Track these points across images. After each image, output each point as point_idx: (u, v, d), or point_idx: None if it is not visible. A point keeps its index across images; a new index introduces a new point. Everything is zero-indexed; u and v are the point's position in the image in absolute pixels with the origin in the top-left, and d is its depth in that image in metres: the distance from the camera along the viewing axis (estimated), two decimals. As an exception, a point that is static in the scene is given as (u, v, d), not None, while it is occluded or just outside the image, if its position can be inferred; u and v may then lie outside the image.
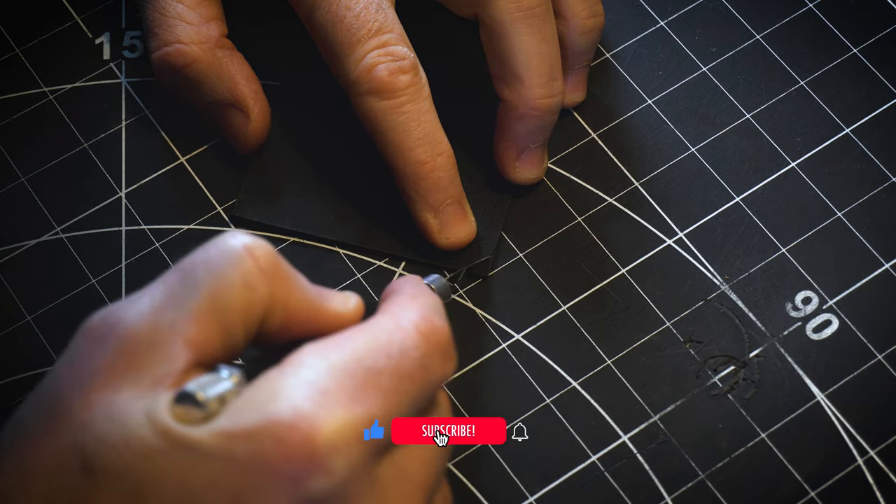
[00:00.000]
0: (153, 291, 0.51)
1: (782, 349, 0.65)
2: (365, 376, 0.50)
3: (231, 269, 0.51)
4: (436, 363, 0.52)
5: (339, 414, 0.48)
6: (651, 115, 0.71)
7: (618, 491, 0.63)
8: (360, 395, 0.49)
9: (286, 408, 0.48)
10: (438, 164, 0.65)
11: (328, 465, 0.48)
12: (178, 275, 0.51)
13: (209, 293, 0.51)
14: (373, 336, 0.52)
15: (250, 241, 0.52)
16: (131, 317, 0.50)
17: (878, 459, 0.63)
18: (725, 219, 0.68)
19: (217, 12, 0.69)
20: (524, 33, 0.65)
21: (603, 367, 0.65)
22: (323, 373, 0.50)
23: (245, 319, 0.51)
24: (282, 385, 0.49)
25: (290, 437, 0.47)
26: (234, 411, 0.48)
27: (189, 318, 0.50)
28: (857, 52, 0.72)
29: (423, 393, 0.52)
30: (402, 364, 0.51)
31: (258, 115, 0.69)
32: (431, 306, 0.54)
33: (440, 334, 0.53)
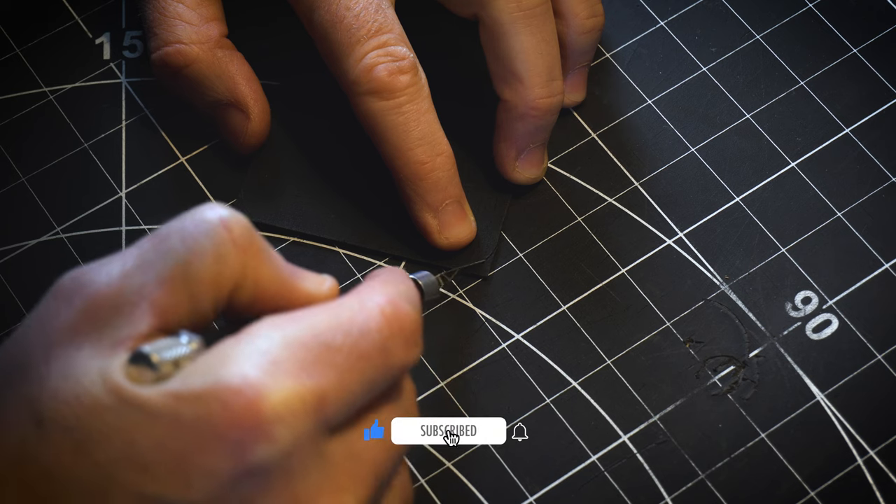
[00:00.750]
0: (126, 255, 0.51)
1: (782, 349, 0.65)
2: (319, 351, 0.50)
3: (205, 240, 0.51)
4: (398, 347, 0.52)
5: (288, 384, 0.49)
6: (651, 115, 0.71)
7: (618, 491, 0.63)
8: (313, 368, 0.50)
9: (235, 374, 0.48)
10: (438, 164, 0.65)
11: (272, 434, 0.48)
12: (153, 241, 0.52)
13: (180, 262, 0.51)
14: (334, 314, 0.52)
15: (227, 214, 0.52)
16: (100, 278, 0.51)
17: (878, 459, 0.63)
18: (725, 219, 0.68)
19: (217, 12, 0.69)
20: (524, 33, 0.65)
21: (603, 367, 0.65)
22: (277, 343, 0.50)
23: (214, 291, 0.52)
24: (234, 352, 0.49)
25: (235, 402, 0.48)
26: (186, 375, 0.49)
27: (157, 285, 0.51)
28: (857, 52, 0.72)
29: (381, 375, 0.52)
30: (360, 343, 0.51)
31: (258, 116, 0.69)
32: (401, 292, 0.54)
33: (405, 319, 0.53)
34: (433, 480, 0.63)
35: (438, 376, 0.65)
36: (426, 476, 0.63)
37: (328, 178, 0.69)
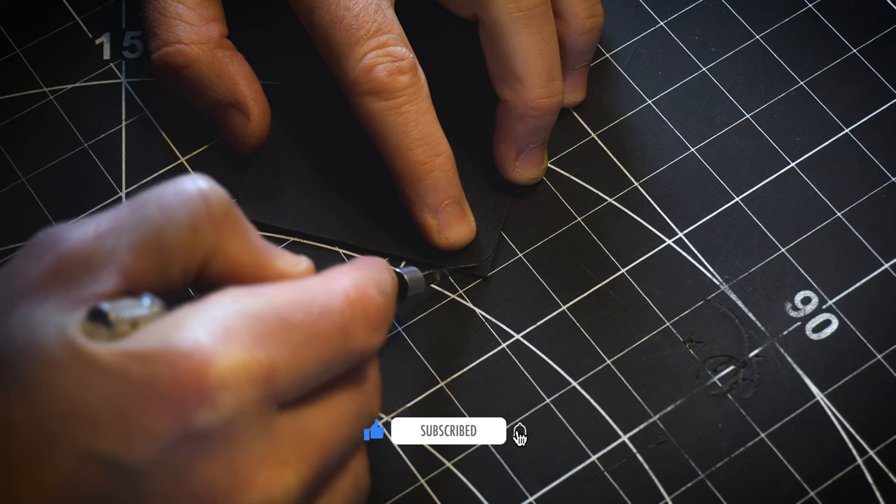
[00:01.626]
0: (103, 217, 0.52)
1: (782, 349, 0.65)
2: (275, 325, 0.50)
3: (181, 210, 0.52)
4: (359, 331, 0.52)
5: (237, 353, 0.49)
6: (651, 115, 0.71)
7: (618, 491, 0.63)
8: (266, 341, 0.50)
9: (186, 338, 0.49)
10: (437, 164, 0.65)
11: (215, 400, 0.48)
12: (131, 206, 0.52)
13: (154, 228, 0.51)
14: (297, 291, 0.52)
15: (206, 187, 0.53)
16: (74, 237, 0.51)
17: (878, 459, 0.63)
18: (725, 219, 0.68)
19: (217, 13, 0.69)
20: (524, 33, 0.65)
21: (603, 366, 0.65)
22: (233, 313, 0.50)
23: (185, 261, 0.52)
24: (189, 318, 0.50)
25: (182, 365, 0.48)
26: (140, 335, 0.49)
27: (129, 249, 0.51)
28: (857, 52, 0.72)
29: (338, 356, 0.52)
30: (319, 323, 0.51)
31: (258, 116, 0.69)
32: (372, 279, 0.54)
33: (370, 304, 0.53)
34: (433, 480, 0.63)
35: (438, 376, 0.65)
36: (426, 476, 0.63)
37: (328, 178, 0.69)
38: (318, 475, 0.52)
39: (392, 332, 0.66)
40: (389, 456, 0.63)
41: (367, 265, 0.56)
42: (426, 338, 0.66)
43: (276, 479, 0.50)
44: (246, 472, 0.49)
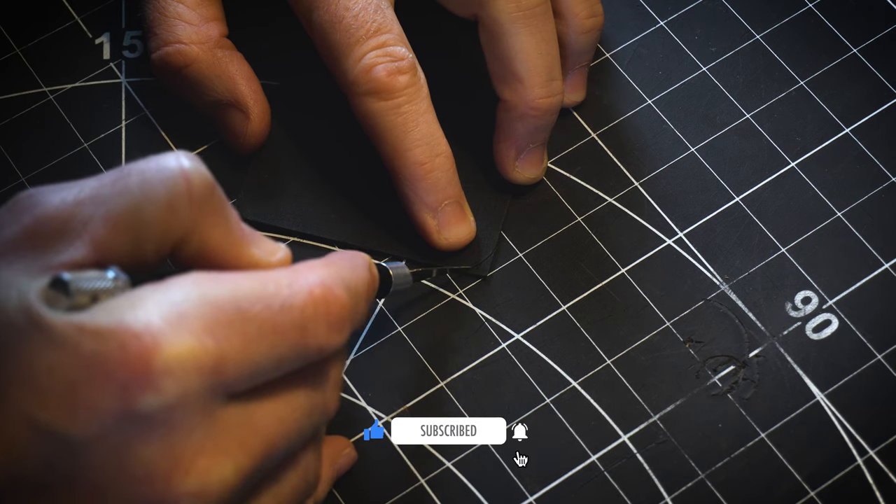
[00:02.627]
0: (84, 185, 0.52)
1: (782, 349, 0.65)
2: (232, 315, 0.50)
3: (160, 187, 0.52)
4: (318, 329, 0.52)
5: (187, 340, 0.49)
6: (651, 115, 0.71)
7: (618, 491, 0.63)
8: (219, 330, 0.50)
9: (140, 318, 0.49)
10: (437, 164, 0.65)
11: (158, 384, 0.48)
12: (113, 177, 0.52)
13: (132, 203, 0.51)
14: (261, 282, 0.52)
15: (189, 166, 0.53)
16: (52, 202, 0.51)
17: (878, 459, 0.63)
18: (725, 219, 0.68)
19: (217, 12, 0.69)
20: (523, 33, 0.65)
21: (603, 366, 0.65)
22: (192, 298, 0.50)
23: (159, 238, 0.52)
24: (147, 298, 0.50)
25: (131, 345, 0.48)
26: (97, 309, 0.49)
27: (104, 220, 0.51)
28: (857, 52, 0.72)
29: (294, 353, 0.52)
30: (277, 317, 0.51)
31: (258, 116, 0.69)
32: (341, 276, 0.54)
33: (333, 303, 0.53)
34: (433, 480, 0.63)
35: (438, 376, 0.65)
36: (426, 476, 0.63)
37: (328, 178, 0.69)
38: (260, 467, 0.52)
39: (392, 332, 0.66)
40: (389, 456, 0.64)
41: (341, 261, 0.55)
42: (426, 338, 0.66)
43: (213, 467, 0.50)
44: (184, 459, 0.49)
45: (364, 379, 0.65)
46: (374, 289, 0.58)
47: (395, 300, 0.67)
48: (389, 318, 0.66)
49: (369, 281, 0.57)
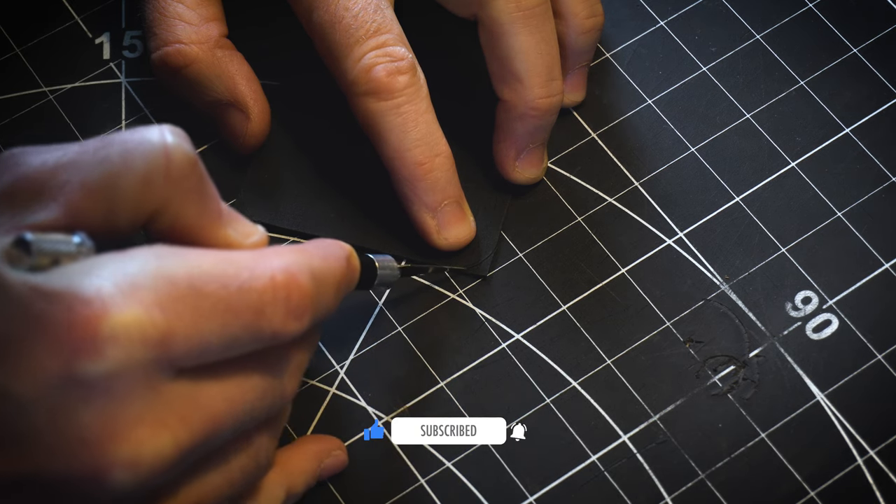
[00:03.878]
0: (69, 149, 0.53)
1: (782, 349, 0.65)
2: (185, 291, 0.51)
3: (139, 160, 0.52)
4: (276, 314, 0.52)
5: (135, 310, 0.49)
6: (651, 115, 0.71)
7: (618, 491, 0.63)
8: (170, 305, 0.50)
9: (92, 284, 0.49)
10: (436, 164, 0.65)
11: (101, 351, 0.48)
12: (97, 144, 0.53)
13: (109, 172, 0.52)
14: (222, 262, 0.52)
15: (172, 142, 0.53)
16: (34, 163, 0.52)
17: (878, 459, 0.63)
18: (725, 219, 0.68)
19: (217, 12, 0.69)
20: (523, 33, 0.65)
21: (603, 366, 0.65)
22: (148, 270, 0.50)
23: (133, 210, 0.53)
24: (104, 266, 0.50)
25: (79, 311, 0.48)
26: (55, 273, 0.49)
27: (80, 186, 0.52)
28: (857, 52, 0.72)
29: (247, 335, 0.52)
30: (233, 298, 0.51)
31: (258, 116, 0.69)
32: (309, 265, 0.54)
33: (294, 290, 0.53)
34: (433, 480, 0.63)
35: (438, 376, 0.65)
36: (426, 476, 0.63)
37: (328, 178, 0.69)
38: (202, 444, 0.52)
39: (392, 332, 0.66)
40: (389, 456, 0.64)
41: (314, 249, 0.56)
42: (426, 338, 0.66)
43: (150, 439, 0.50)
44: (120, 427, 0.49)
45: (364, 379, 0.65)
46: (350, 279, 0.58)
47: (396, 300, 0.67)
48: (389, 318, 0.66)
49: (342, 271, 0.57)
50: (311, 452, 0.61)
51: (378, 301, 0.67)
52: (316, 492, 0.63)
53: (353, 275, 0.58)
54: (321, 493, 0.63)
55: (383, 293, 0.67)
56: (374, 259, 0.62)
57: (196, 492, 0.54)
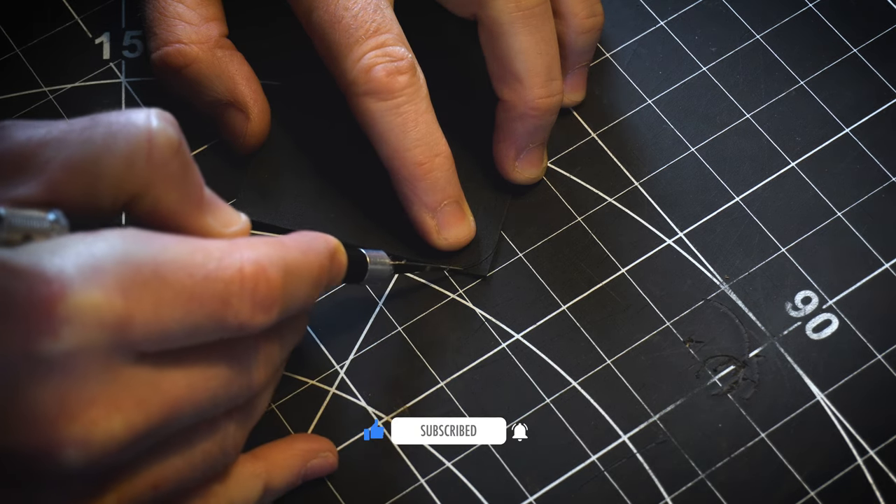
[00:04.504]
0: (56, 126, 0.53)
1: (782, 349, 0.65)
2: (149, 277, 0.51)
3: (122, 142, 0.53)
4: (242, 306, 0.52)
5: (95, 294, 0.49)
6: (651, 115, 0.71)
7: (618, 491, 0.63)
8: (133, 290, 0.50)
9: (55, 264, 0.49)
10: (436, 164, 0.65)
11: (58, 331, 0.49)
12: (84, 123, 0.53)
13: (92, 152, 0.52)
14: (191, 250, 0.52)
15: (157, 126, 0.53)
16: (20, 137, 0.53)
17: (878, 459, 0.63)
18: (725, 219, 0.68)
19: (217, 12, 0.69)
20: (523, 33, 0.65)
21: (603, 366, 0.65)
22: (113, 254, 0.51)
23: (113, 192, 0.53)
24: (71, 246, 0.50)
25: (40, 290, 0.49)
26: (24, 249, 0.50)
27: (62, 164, 0.52)
28: (857, 52, 0.72)
29: (212, 325, 0.52)
30: (199, 287, 0.52)
31: (258, 116, 0.69)
32: (282, 258, 0.54)
33: (263, 283, 0.53)
34: (433, 480, 0.63)
35: (438, 376, 0.65)
36: (426, 476, 0.63)
37: (328, 178, 0.69)
38: (159, 428, 0.52)
39: (392, 332, 0.66)
40: (389, 456, 0.64)
41: (292, 242, 0.56)
42: (426, 338, 0.66)
43: (102, 420, 0.50)
44: (73, 407, 0.50)
45: (364, 379, 0.65)
46: (333, 274, 0.58)
47: (396, 300, 0.67)
48: (389, 318, 0.66)
49: (321, 265, 0.57)
50: (297, 450, 0.61)
51: (378, 301, 0.67)
52: (316, 492, 0.63)
53: (337, 269, 0.58)
54: (321, 493, 0.63)
55: (383, 293, 0.67)
56: (365, 254, 0.62)
57: (156, 474, 0.54)
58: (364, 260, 0.62)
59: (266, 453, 0.60)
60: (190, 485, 0.56)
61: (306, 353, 0.66)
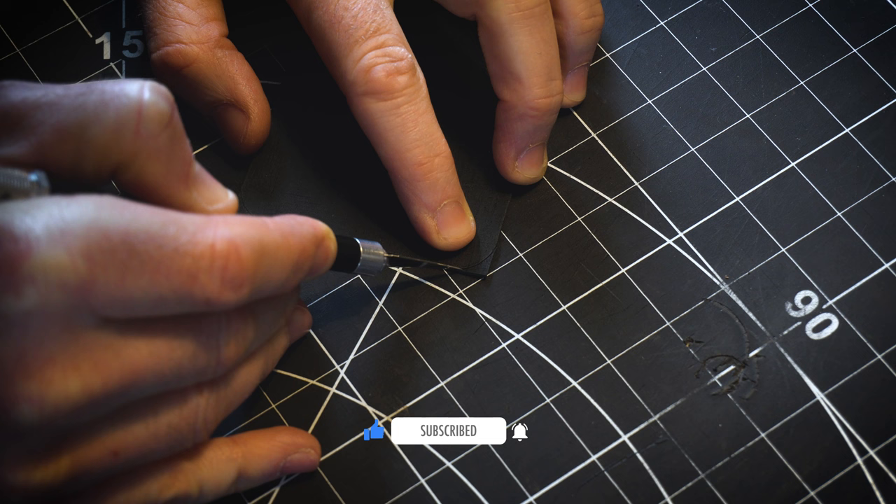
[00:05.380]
0: (53, 90, 0.54)
1: (782, 349, 0.65)
2: (117, 245, 0.51)
3: (112, 111, 0.54)
4: (210, 282, 0.53)
5: (59, 255, 0.50)
6: (651, 115, 0.71)
7: (618, 491, 0.63)
8: (98, 256, 0.51)
9: (25, 224, 0.50)
10: (436, 164, 0.65)
11: (19, 289, 0.50)
12: (80, 89, 0.54)
13: (82, 118, 0.53)
14: (163, 222, 0.53)
15: (148, 99, 0.54)
16: (16, 98, 0.54)
17: (878, 459, 0.63)
18: (725, 219, 0.68)
19: (217, 12, 0.69)
20: (523, 33, 0.65)
21: (603, 366, 0.65)
22: (84, 219, 0.51)
23: (99, 158, 0.54)
24: (44, 208, 0.51)
25: (6, 247, 0.50)
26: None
27: (53, 127, 0.53)
28: (857, 52, 0.72)
29: (176, 297, 0.52)
30: (166, 260, 0.52)
31: (258, 116, 0.69)
32: (258, 239, 0.54)
33: (233, 261, 0.53)
34: (433, 480, 0.63)
35: (438, 376, 0.65)
36: (426, 476, 0.63)
37: (328, 178, 0.69)
38: (117, 393, 0.53)
39: (392, 332, 0.66)
40: (389, 456, 0.64)
41: (274, 225, 0.56)
42: (426, 338, 0.66)
43: (58, 379, 0.51)
44: (30, 364, 0.51)
45: (364, 379, 0.65)
46: (318, 260, 0.58)
47: (396, 300, 0.67)
48: (389, 318, 0.66)
49: (302, 250, 0.57)
50: (278, 442, 0.62)
51: (378, 301, 0.67)
52: (316, 491, 0.63)
53: (323, 255, 0.58)
54: (321, 493, 0.63)
55: (383, 292, 0.67)
56: (359, 243, 0.62)
57: (116, 440, 0.55)
58: (357, 249, 0.62)
59: (246, 440, 0.61)
60: (155, 457, 0.57)
61: (306, 353, 0.66)
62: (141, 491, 0.57)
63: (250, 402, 0.65)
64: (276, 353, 0.61)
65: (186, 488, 0.58)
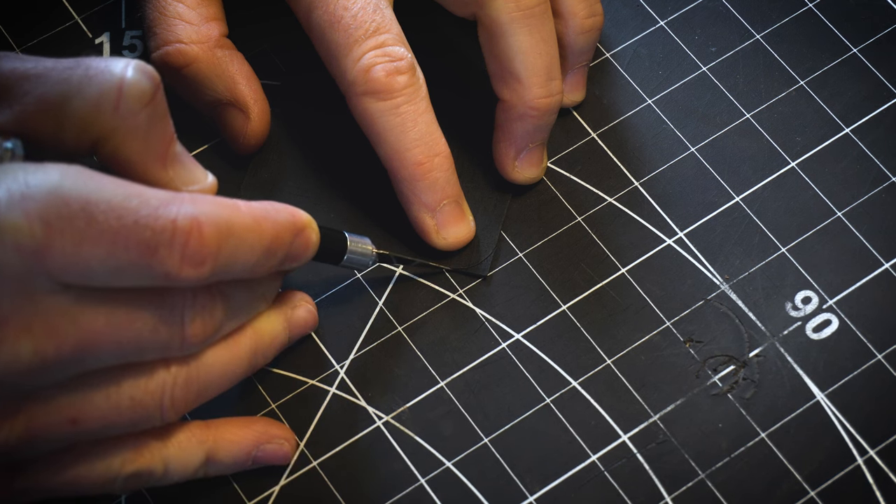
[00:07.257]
0: (44, 62, 0.55)
1: (782, 349, 0.65)
2: (77, 213, 0.52)
3: (94, 87, 0.55)
4: (170, 256, 0.53)
5: (16, 218, 0.51)
6: (651, 115, 0.71)
7: (618, 491, 0.63)
8: (56, 223, 0.51)
9: None
10: (435, 164, 0.65)
11: None
12: (68, 64, 0.55)
13: (65, 91, 0.54)
14: (130, 195, 0.53)
15: (131, 77, 0.55)
16: (5, 67, 0.55)
17: (878, 459, 0.63)
18: (725, 219, 0.68)
19: (217, 12, 0.69)
20: (522, 33, 0.65)
21: (603, 366, 0.65)
22: (47, 186, 0.52)
23: (79, 131, 0.55)
24: (10, 173, 0.52)
25: None
26: None
27: (36, 98, 0.54)
28: (857, 52, 0.72)
29: (134, 269, 0.53)
30: (126, 230, 0.52)
31: (258, 116, 0.69)
32: (225, 220, 0.55)
33: (194, 238, 0.53)
34: (433, 480, 0.63)
35: (438, 376, 0.65)
36: (426, 476, 0.63)
37: (328, 178, 0.69)
38: (72, 359, 0.53)
39: (392, 332, 0.66)
40: (389, 456, 0.64)
41: (247, 209, 0.56)
42: (426, 338, 0.66)
43: (9, 340, 0.52)
44: None
45: (364, 379, 0.65)
46: (294, 249, 0.58)
47: (396, 300, 0.67)
48: (389, 318, 0.66)
49: (276, 237, 0.57)
50: (252, 430, 0.62)
51: (378, 301, 0.67)
52: (316, 491, 0.63)
53: (302, 245, 0.59)
54: (321, 493, 0.63)
55: (384, 293, 0.67)
56: (347, 236, 0.62)
57: (75, 408, 0.55)
58: (344, 242, 0.62)
59: (219, 425, 0.61)
60: (117, 430, 0.57)
61: (306, 353, 0.66)
62: (103, 463, 0.57)
63: (250, 401, 0.65)
64: (269, 347, 0.61)
65: (150, 464, 0.58)
